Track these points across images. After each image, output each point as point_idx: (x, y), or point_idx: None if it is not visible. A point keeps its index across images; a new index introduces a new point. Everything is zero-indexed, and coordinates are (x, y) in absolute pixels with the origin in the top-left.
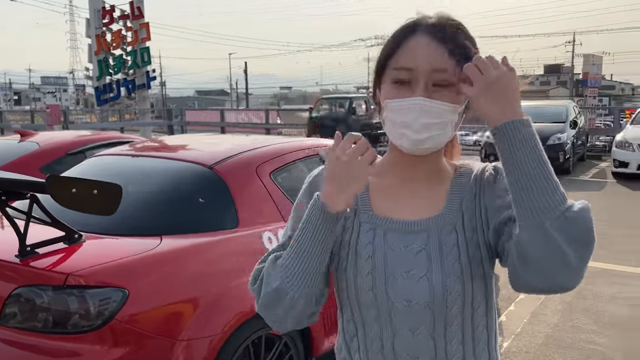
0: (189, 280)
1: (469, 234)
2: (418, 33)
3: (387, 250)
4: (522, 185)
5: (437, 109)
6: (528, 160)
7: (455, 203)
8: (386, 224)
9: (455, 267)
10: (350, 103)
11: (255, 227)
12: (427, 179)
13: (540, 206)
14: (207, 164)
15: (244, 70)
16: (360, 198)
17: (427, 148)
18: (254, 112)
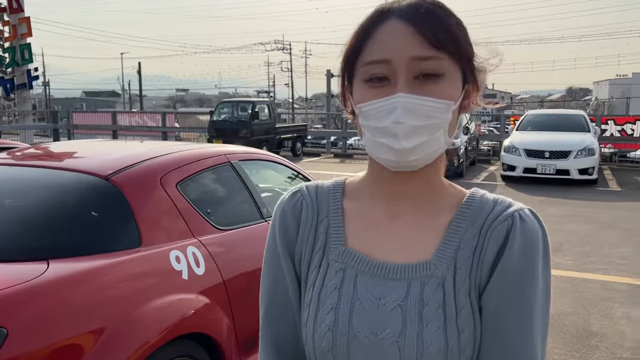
0: (83, 311)
1: (460, 296)
2: (390, 18)
3: (355, 302)
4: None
5: (425, 106)
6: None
7: (449, 249)
8: (359, 264)
9: (438, 337)
10: (253, 107)
11: (161, 245)
12: (418, 205)
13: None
14: (102, 175)
15: (138, 71)
16: (331, 227)
17: (417, 159)
18: (149, 115)
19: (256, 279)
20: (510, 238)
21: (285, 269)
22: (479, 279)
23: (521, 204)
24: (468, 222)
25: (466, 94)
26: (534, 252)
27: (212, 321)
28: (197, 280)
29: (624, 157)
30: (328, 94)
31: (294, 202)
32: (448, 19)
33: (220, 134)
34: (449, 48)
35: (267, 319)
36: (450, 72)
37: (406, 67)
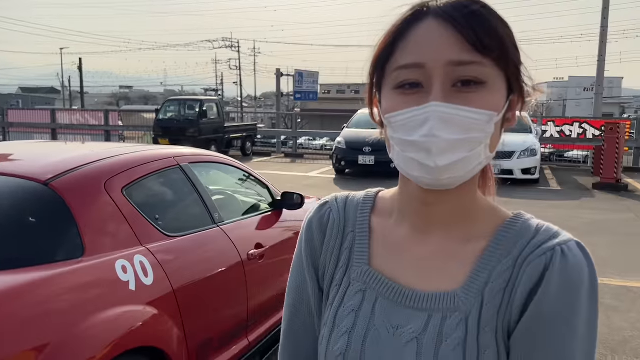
0: (23, 327)
1: (485, 335)
2: (427, 17)
3: (371, 328)
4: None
5: (462, 117)
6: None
7: (479, 281)
8: (381, 287)
9: None
10: (200, 105)
11: (106, 254)
12: (449, 228)
13: None
14: (41, 179)
15: (79, 67)
16: (356, 245)
17: (453, 178)
18: (91, 113)
19: (207, 285)
20: (547, 276)
21: (309, 281)
22: (508, 318)
23: (569, 235)
24: (503, 252)
25: (510, 104)
26: (574, 294)
27: (161, 333)
28: (146, 291)
29: (562, 156)
30: (278, 93)
31: (322, 213)
32: (493, 19)
33: (167, 133)
34: (493, 52)
35: (289, 330)
36: (494, 79)
37: (442, 72)
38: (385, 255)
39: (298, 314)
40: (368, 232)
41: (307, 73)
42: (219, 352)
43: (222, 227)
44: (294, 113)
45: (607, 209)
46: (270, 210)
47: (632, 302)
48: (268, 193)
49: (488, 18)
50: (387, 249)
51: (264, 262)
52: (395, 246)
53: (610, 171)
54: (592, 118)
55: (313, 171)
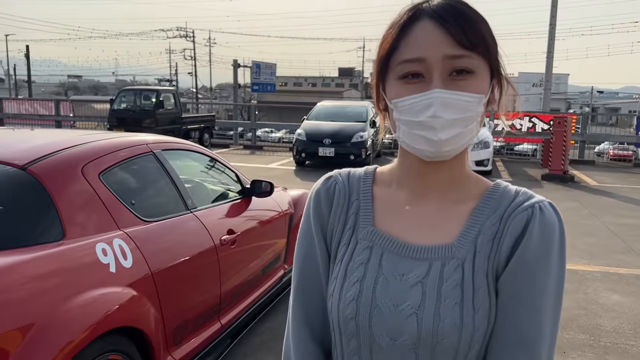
0: (6, 308)
1: (478, 276)
2: (422, 18)
3: (380, 276)
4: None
5: (460, 101)
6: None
7: (471, 234)
8: (386, 243)
9: (454, 312)
10: (157, 96)
11: (86, 237)
12: (442, 193)
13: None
14: (18, 164)
15: (26, 55)
16: (361, 210)
17: (451, 150)
18: (40, 103)
19: (183, 269)
20: (529, 228)
21: (317, 246)
22: (496, 263)
23: (542, 197)
24: (490, 210)
25: (492, 89)
26: (550, 242)
27: (141, 314)
28: (125, 273)
29: (512, 150)
30: (235, 84)
31: (328, 185)
32: (476, 18)
33: (122, 123)
34: (479, 47)
35: (299, 289)
36: (480, 68)
37: (440, 64)
38: (388, 217)
39: (306, 276)
40: (371, 198)
41: (264, 64)
42: (194, 335)
43: (195, 213)
44: (252, 105)
45: (555, 199)
46: (240, 197)
47: (579, 284)
48: (238, 181)
49: (472, 17)
50: (389, 211)
51: (235, 248)
52: (396, 210)
53: (558, 163)
54: (542, 112)
55: (273, 163)
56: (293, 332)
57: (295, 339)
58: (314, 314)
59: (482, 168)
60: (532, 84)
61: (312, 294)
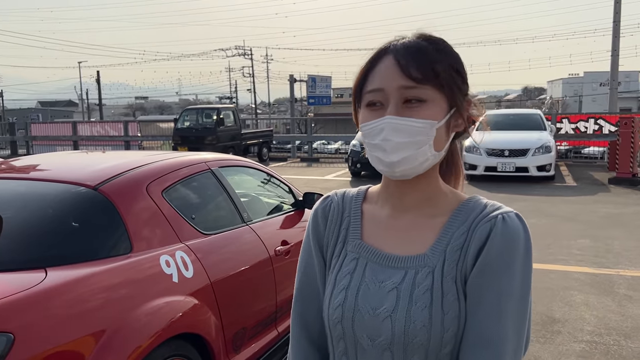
0: (82, 316)
1: (447, 282)
2: (387, 55)
3: (362, 284)
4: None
5: (408, 126)
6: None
7: (441, 244)
8: (370, 254)
9: (423, 314)
10: (218, 113)
11: (151, 250)
12: (418, 209)
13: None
14: (91, 185)
15: (97, 79)
16: (351, 225)
17: (404, 170)
18: (110, 124)
19: (240, 279)
20: (491, 236)
21: (315, 258)
22: (464, 269)
23: (509, 208)
24: (459, 222)
25: (455, 116)
26: (512, 250)
27: (202, 321)
28: (187, 283)
29: (579, 153)
30: (291, 98)
31: (324, 205)
32: (434, 55)
33: (185, 141)
34: (429, 80)
35: (298, 297)
36: (434, 98)
37: (396, 94)
38: (373, 231)
39: (305, 284)
40: (360, 216)
41: (319, 78)
42: (252, 342)
43: (251, 226)
44: (308, 118)
45: (623, 203)
46: (293, 210)
47: None
48: (290, 194)
49: (430, 55)
50: (374, 226)
51: (289, 258)
52: (380, 224)
53: (626, 166)
54: (607, 113)
55: (329, 174)
56: (292, 337)
57: (294, 343)
58: (311, 320)
59: (544, 173)
60: (600, 83)
61: (309, 302)
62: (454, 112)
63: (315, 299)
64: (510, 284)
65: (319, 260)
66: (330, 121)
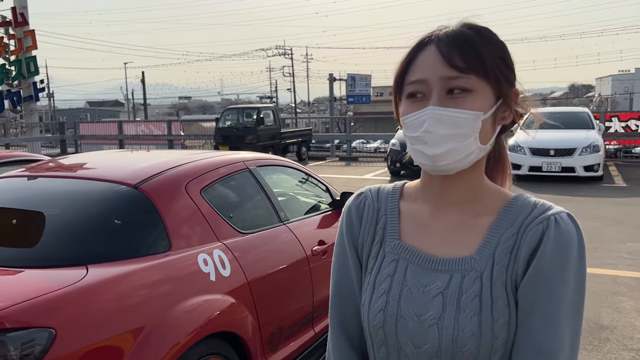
0: (122, 312)
1: (496, 288)
2: (428, 45)
3: (404, 288)
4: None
5: (452, 117)
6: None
7: (489, 246)
8: (410, 255)
9: (473, 322)
10: (258, 113)
11: (189, 249)
12: (462, 207)
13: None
14: (131, 184)
15: (142, 80)
16: (388, 224)
17: (448, 164)
18: (155, 124)
19: (277, 279)
20: (544, 240)
21: (350, 259)
22: (514, 274)
23: (560, 208)
24: (508, 223)
25: (502, 108)
26: (566, 254)
27: (238, 320)
28: (224, 282)
29: (629, 152)
30: (331, 97)
31: (358, 202)
32: (479, 44)
33: (226, 140)
34: (473, 69)
35: (335, 300)
36: (479, 88)
37: (438, 84)
38: (413, 231)
39: (341, 285)
40: (397, 214)
41: (359, 76)
42: (289, 341)
43: (287, 225)
44: (347, 117)
45: None
46: (331, 209)
47: None
48: (328, 193)
49: (474, 44)
50: (414, 225)
51: (326, 258)
52: (420, 223)
53: None
54: None
55: (368, 173)
56: (331, 339)
57: (334, 346)
58: (350, 323)
59: (591, 174)
60: None
61: (347, 305)
62: (501, 103)
63: (352, 302)
64: (565, 290)
65: (354, 261)
66: (370, 120)
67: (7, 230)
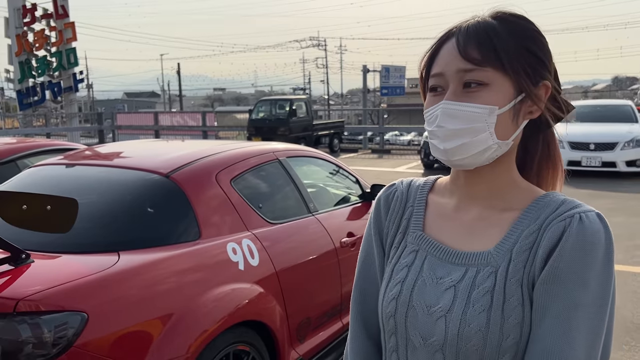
0: (152, 299)
1: (511, 285)
2: (450, 39)
3: (419, 279)
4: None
5: (464, 112)
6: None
7: (509, 242)
8: (431, 248)
9: (480, 318)
10: (290, 105)
11: (219, 237)
12: (487, 201)
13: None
14: (163, 173)
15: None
16: (414, 216)
17: (462, 159)
18: (189, 115)
19: (305, 269)
20: (564, 238)
21: (375, 248)
22: (532, 273)
23: (589, 207)
24: (531, 219)
25: (526, 102)
26: (588, 254)
27: (266, 310)
28: (252, 271)
29: None
30: (364, 89)
31: (388, 192)
32: (501, 34)
33: (259, 132)
34: (489, 61)
35: (356, 288)
36: (496, 81)
37: (455, 77)
38: (437, 224)
39: (364, 273)
40: (424, 206)
41: (393, 68)
42: (316, 332)
43: (316, 216)
44: (380, 109)
45: None
46: (361, 201)
47: None
48: (358, 185)
49: (490, 34)
50: (438, 218)
51: (355, 250)
52: (444, 216)
53: None
54: None
55: (401, 166)
56: (351, 327)
57: (352, 334)
58: (369, 311)
59: (633, 169)
60: None
61: (368, 294)
62: (524, 97)
63: (373, 291)
64: (584, 294)
65: (378, 251)
66: (403, 112)
67: (44, 216)
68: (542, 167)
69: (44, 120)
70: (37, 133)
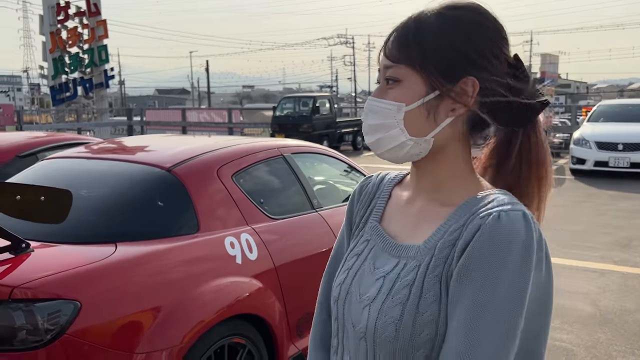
0: (146, 289)
1: (429, 280)
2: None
3: (361, 267)
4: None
5: (378, 107)
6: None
7: (436, 237)
8: (378, 238)
9: (396, 310)
10: (314, 102)
11: (217, 231)
12: (431, 195)
13: None
14: (164, 167)
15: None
16: (376, 208)
17: (382, 154)
18: (216, 112)
19: (305, 265)
20: (476, 236)
21: (345, 238)
22: (451, 270)
23: (519, 206)
24: (460, 215)
25: (445, 99)
26: (500, 253)
27: (264, 304)
28: (250, 265)
29: None
30: None
31: (363, 184)
32: (425, 31)
33: (282, 128)
34: (403, 59)
35: (327, 270)
36: (408, 78)
37: (382, 74)
38: (391, 216)
39: (334, 259)
40: (387, 199)
41: None
42: None
43: (320, 213)
44: None
45: None
46: None
47: None
48: None
49: (413, 30)
50: (394, 211)
51: None
52: (399, 209)
53: None
54: None
55: None
56: (316, 305)
57: (316, 312)
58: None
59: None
60: None
61: (331, 280)
62: (442, 95)
63: None
64: (492, 294)
65: (347, 241)
66: None
67: (39, 206)
68: (524, 176)
69: (76, 116)
70: (69, 128)
